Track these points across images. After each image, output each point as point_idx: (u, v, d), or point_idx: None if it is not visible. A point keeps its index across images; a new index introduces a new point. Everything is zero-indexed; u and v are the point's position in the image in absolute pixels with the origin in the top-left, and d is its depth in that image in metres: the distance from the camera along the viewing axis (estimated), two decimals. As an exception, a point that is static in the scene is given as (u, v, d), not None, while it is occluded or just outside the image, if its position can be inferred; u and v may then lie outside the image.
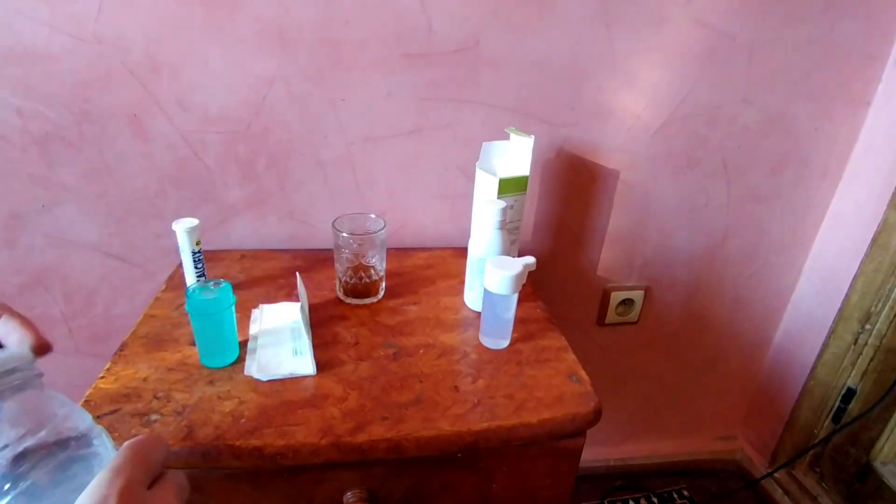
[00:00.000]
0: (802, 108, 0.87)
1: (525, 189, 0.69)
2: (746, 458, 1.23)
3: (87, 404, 0.49)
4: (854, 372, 0.98)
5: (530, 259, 0.59)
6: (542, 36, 0.75)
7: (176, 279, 0.72)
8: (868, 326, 0.94)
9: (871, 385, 0.98)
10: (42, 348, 0.28)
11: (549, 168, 0.85)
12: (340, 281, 0.68)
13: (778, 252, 1.01)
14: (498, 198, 0.66)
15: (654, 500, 1.17)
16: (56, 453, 0.24)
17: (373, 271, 0.67)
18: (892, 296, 0.90)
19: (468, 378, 0.56)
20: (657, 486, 1.20)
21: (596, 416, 0.53)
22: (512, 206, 0.68)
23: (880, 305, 0.91)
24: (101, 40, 0.65)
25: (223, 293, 0.53)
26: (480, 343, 0.62)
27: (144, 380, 0.53)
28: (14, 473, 0.22)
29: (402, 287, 0.73)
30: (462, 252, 0.72)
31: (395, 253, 0.81)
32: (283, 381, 0.54)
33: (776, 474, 1.14)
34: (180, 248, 0.65)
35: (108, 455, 0.26)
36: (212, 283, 0.55)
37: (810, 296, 1.04)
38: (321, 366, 0.56)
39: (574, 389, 0.55)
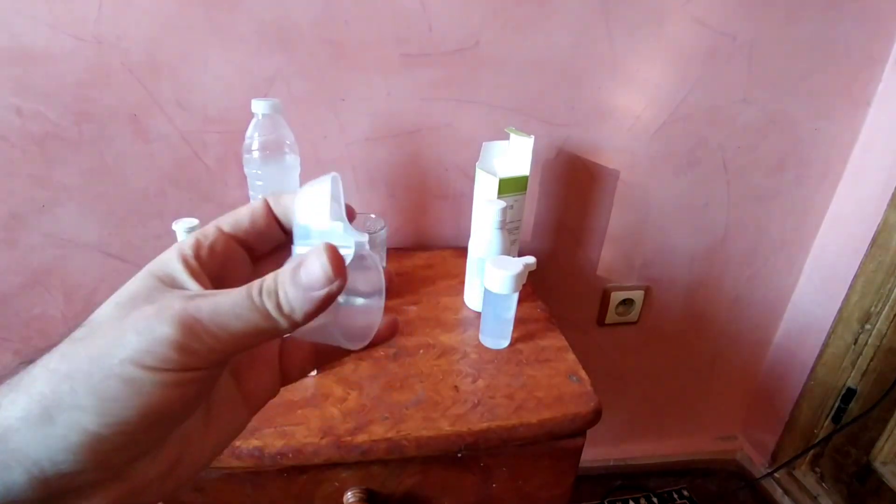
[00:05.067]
0: (802, 108, 0.87)
1: (525, 189, 0.69)
2: (746, 458, 1.23)
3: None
4: (854, 372, 0.98)
5: (530, 259, 0.59)
6: (542, 36, 0.75)
7: (176, 279, 0.71)
8: (868, 326, 0.94)
9: (871, 385, 0.98)
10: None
11: (549, 168, 0.85)
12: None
13: (778, 252, 1.01)
14: (498, 198, 0.66)
15: (654, 500, 1.17)
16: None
17: (373, 271, 0.67)
18: (892, 296, 0.90)
19: (468, 378, 0.56)
20: (657, 486, 1.20)
21: (596, 416, 0.53)
22: (512, 206, 0.68)
23: (880, 305, 0.91)
24: (101, 40, 0.65)
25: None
26: (480, 343, 0.62)
27: (144, 380, 0.53)
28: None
29: (402, 287, 0.73)
30: (462, 252, 0.72)
31: (395, 253, 0.81)
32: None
33: (776, 474, 1.14)
34: (180, 248, 0.65)
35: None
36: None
37: (810, 296, 1.04)
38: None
39: (574, 389, 0.55)
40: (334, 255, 0.19)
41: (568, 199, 0.88)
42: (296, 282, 0.19)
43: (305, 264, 0.19)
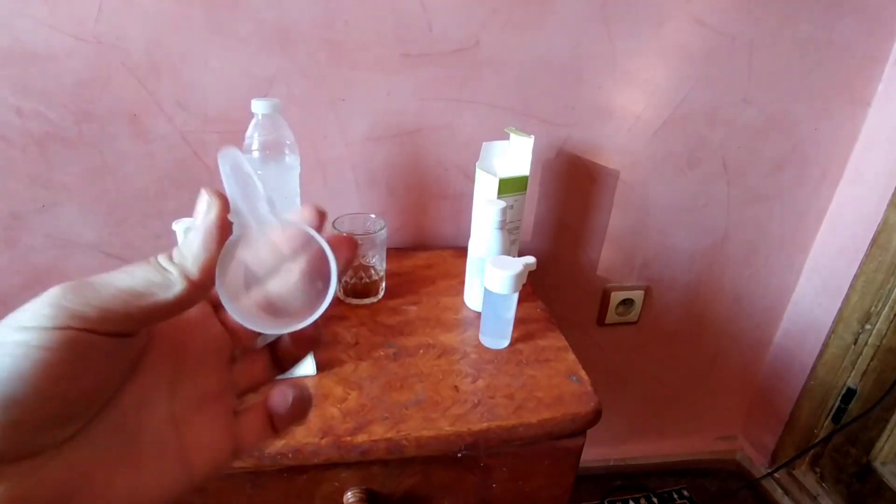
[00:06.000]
0: (802, 108, 0.87)
1: (525, 189, 0.69)
2: (746, 458, 1.23)
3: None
4: (854, 372, 0.98)
5: (530, 259, 0.59)
6: (542, 36, 0.75)
7: (176, 279, 0.71)
8: (868, 326, 0.94)
9: (871, 385, 0.98)
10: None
11: (549, 168, 0.85)
12: (340, 281, 0.68)
13: (778, 252, 1.01)
14: (498, 198, 0.66)
15: (654, 500, 1.17)
16: None
17: (373, 271, 0.67)
18: (892, 296, 0.90)
19: (468, 378, 0.56)
20: (657, 486, 1.20)
21: (596, 416, 0.53)
22: (512, 206, 0.68)
23: (880, 305, 0.91)
24: (101, 40, 0.65)
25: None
26: (480, 343, 0.62)
27: (144, 380, 0.53)
28: None
29: (402, 287, 0.73)
30: (462, 252, 0.72)
31: (395, 253, 0.81)
32: (283, 380, 0.54)
33: (776, 474, 1.14)
34: (180, 248, 0.65)
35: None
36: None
37: (810, 296, 1.04)
38: (321, 366, 0.56)
39: (574, 389, 0.55)
40: (210, 189, 0.19)
41: (568, 199, 0.88)
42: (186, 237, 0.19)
43: None
